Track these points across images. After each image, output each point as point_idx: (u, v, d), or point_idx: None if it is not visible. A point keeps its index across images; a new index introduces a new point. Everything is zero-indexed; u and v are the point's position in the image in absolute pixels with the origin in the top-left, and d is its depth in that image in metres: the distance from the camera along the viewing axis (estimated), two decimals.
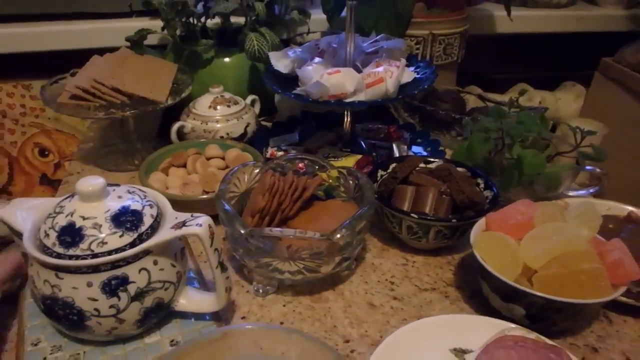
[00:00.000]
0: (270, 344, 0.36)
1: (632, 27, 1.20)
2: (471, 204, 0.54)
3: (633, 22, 1.21)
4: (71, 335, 0.46)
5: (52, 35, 0.97)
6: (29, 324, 0.48)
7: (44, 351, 0.46)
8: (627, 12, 1.20)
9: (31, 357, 0.45)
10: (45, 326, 0.48)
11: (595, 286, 0.43)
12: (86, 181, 0.44)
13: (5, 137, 1.08)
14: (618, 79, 1.13)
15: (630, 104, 1.11)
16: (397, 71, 0.63)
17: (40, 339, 0.47)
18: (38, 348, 0.46)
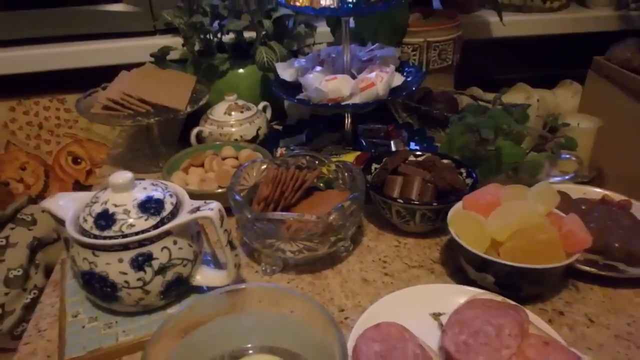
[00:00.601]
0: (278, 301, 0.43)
1: (622, 27, 1.25)
2: (452, 189, 0.61)
3: (622, 22, 1.25)
4: (105, 307, 0.54)
5: (84, 53, 1.06)
6: (69, 300, 0.57)
7: (82, 321, 0.54)
8: (617, 13, 1.25)
9: (72, 326, 0.53)
10: (83, 301, 0.56)
11: (552, 254, 0.49)
12: (117, 175, 0.52)
13: (42, 147, 1.19)
14: (609, 75, 1.18)
15: (622, 99, 1.15)
16: (386, 76, 0.70)
17: (79, 311, 0.55)
18: (77, 319, 0.54)
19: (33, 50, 1.05)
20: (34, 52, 1.05)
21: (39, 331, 0.54)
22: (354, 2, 0.66)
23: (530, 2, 1.24)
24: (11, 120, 1.16)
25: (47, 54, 1.06)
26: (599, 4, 1.26)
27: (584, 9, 1.29)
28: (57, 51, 1.06)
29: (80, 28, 1.06)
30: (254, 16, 0.90)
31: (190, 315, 0.43)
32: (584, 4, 1.29)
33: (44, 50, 1.06)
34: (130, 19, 1.06)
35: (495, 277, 0.52)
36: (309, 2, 0.69)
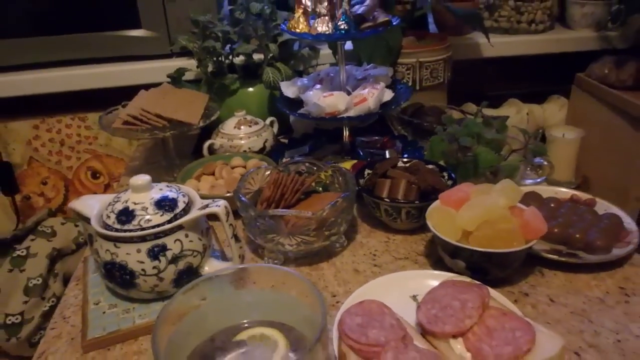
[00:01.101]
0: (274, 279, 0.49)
1: (602, 46, 1.34)
2: (434, 190, 0.68)
3: (602, 42, 1.34)
4: (124, 294, 0.60)
5: (105, 75, 1.15)
6: (91, 291, 0.64)
7: (103, 308, 0.61)
8: (597, 34, 1.34)
9: (94, 312, 0.60)
10: (104, 291, 0.63)
11: (513, 241, 0.57)
12: (137, 177, 0.60)
13: (63, 163, 1.28)
14: (590, 90, 1.28)
15: (602, 111, 1.24)
16: (377, 92, 0.78)
17: (100, 299, 0.62)
18: (99, 306, 0.61)
19: (58, 72, 1.14)
20: (59, 74, 1.14)
21: (64, 318, 0.61)
22: (345, 28, 0.75)
23: (517, 24, 1.32)
24: (34, 138, 1.24)
25: (71, 76, 1.14)
26: (581, 25, 1.35)
27: (567, 30, 1.38)
28: (80, 73, 1.15)
29: (102, 52, 1.14)
30: (261, 40, 0.98)
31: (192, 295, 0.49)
32: (567, 26, 1.38)
33: (68, 72, 1.14)
34: (148, 44, 1.15)
35: (466, 262, 0.59)
36: (307, 29, 0.78)
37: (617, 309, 0.58)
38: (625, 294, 0.60)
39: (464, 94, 1.28)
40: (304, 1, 0.79)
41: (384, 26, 0.78)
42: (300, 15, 0.80)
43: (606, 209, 0.72)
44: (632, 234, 0.66)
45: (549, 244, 0.66)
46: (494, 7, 1.32)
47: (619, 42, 1.34)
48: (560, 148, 1.22)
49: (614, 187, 1.25)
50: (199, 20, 0.98)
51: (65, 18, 1.11)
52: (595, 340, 0.53)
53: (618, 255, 0.63)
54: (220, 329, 0.49)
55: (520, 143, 0.80)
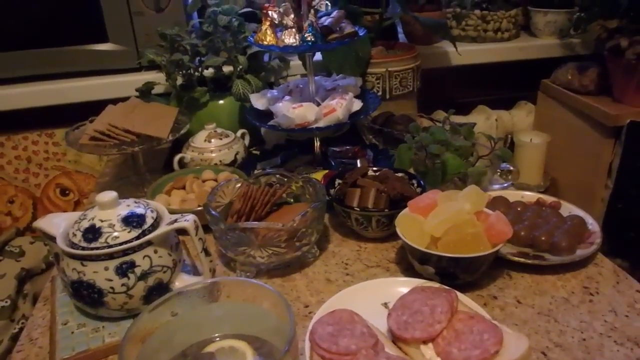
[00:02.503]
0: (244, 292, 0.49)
1: (565, 53, 1.39)
2: (402, 197, 0.69)
3: (565, 49, 1.39)
4: (92, 313, 0.59)
5: (72, 90, 1.13)
6: (59, 310, 0.62)
7: (71, 328, 0.59)
8: (560, 41, 1.39)
9: (62, 332, 0.59)
10: (72, 311, 0.62)
11: (479, 245, 0.58)
12: (103, 194, 0.59)
13: (30, 180, 1.25)
14: (555, 96, 1.32)
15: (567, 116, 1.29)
16: (345, 102, 0.79)
17: (69, 319, 0.60)
18: (67, 326, 0.59)
19: (23, 88, 1.12)
20: (24, 90, 1.12)
21: (31, 340, 0.60)
22: (312, 40, 0.76)
23: (484, 33, 1.36)
24: (0, 155, 1.21)
25: (36, 91, 1.12)
26: (545, 33, 1.39)
27: (532, 37, 1.42)
28: (46, 88, 1.13)
29: (69, 66, 1.13)
30: (230, 53, 0.99)
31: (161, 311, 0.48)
32: (532, 34, 1.43)
33: (34, 87, 1.12)
34: (116, 58, 1.13)
35: (434, 268, 0.60)
36: (274, 41, 0.78)
37: (581, 308, 0.60)
38: (590, 293, 0.62)
39: (434, 102, 1.31)
40: (270, 14, 0.79)
41: (351, 37, 0.80)
42: (268, 28, 0.80)
43: (570, 210, 0.74)
44: (595, 235, 0.69)
45: (516, 247, 0.68)
46: (461, 16, 1.35)
47: (581, 49, 1.39)
48: (528, 152, 1.26)
49: (580, 189, 1.29)
50: (166, 33, 0.98)
51: (30, 33, 1.09)
52: (561, 340, 0.55)
53: (582, 255, 0.65)
54: (191, 343, 0.49)
55: (487, 149, 0.82)
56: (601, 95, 1.22)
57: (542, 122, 1.39)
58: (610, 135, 1.18)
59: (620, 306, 0.59)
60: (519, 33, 1.42)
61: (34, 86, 1.13)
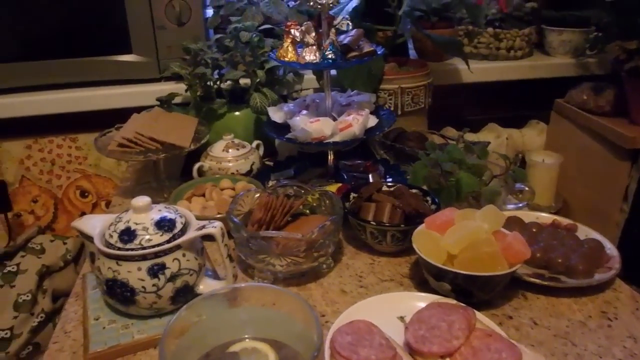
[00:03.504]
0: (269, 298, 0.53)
1: (580, 72, 1.40)
2: (417, 214, 0.72)
3: (580, 68, 1.41)
4: (123, 310, 0.63)
5: (96, 98, 1.19)
6: (91, 306, 0.67)
7: (103, 323, 0.63)
8: (575, 61, 1.41)
9: (94, 327, 0.63)
10: (103, 307, 0.66)
11: (495, 264, 0.61)
12: (138, 199, 0.63)
13: (53, 182, 1.30)
14: (569, 116, 1.32)
15: (581, 137, 1.29)
16: (362, 118, 0.83)
17: (100, 315, 0.65)
18: (99, 322, 0.64)
19: (51, 95, 1.17)
20: (52, 97, 1.17)
21: (65, 332, 0.64)
22: (333, 58, 0.80)
23: (496, 51, 1.39)
24: (27, 157, 1.27)
25: (63, 98, 1.18)
26: (559, 52, 1.42)
27: (545, 56, 1.45)
28: (72, 96, 1.18)
29: (94, 75, 1.18)
30: (249, 67, 1.03)
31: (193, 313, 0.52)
32: (546, 52, 1.45)
33: (61, 94, 1.18)
34: (138, 68, 1.19)
35: (450, 285, 0.62)
36: (295, 58, 0.83)
37: (599, 333, 0.60)
38: (608, 317, 0.62)
39: (444, 119, 1.34)
40: (292, 32, 0.84)
41: (369, 56, 0.84)
42: (289, 45, 0.84)
43: (587, 234, 0.74)
44: (614, 259, 0.69)
45: (531, 267, 0.69)
46: (474, 34, 1.39)
47: (596, 69, 1.40)
48: (540, 173, 1.25)
49: (594, 211, 1.27)
50: (190, 47, 1.03)
51: (59, 43, 1.15)
52: None
53: (600, 280, 0.65)
54: (218, 344, 0.53)
55: (501, 168, 0.84)
56: (617, 117, 1.19)
57: (555, 142, 1.39)
58: (626, 158, 1.16)
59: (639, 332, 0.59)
60: (532, 51, 1.44)
61: (61, 93, 1.18)
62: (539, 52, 1.47)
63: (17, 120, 1.18)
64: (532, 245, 0.69)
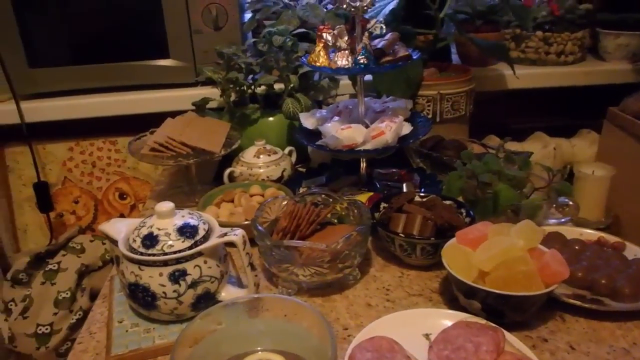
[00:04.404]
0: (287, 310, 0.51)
1: (636, 79, 1.30)
2: (450, 227, 0.68)
3: (637, 75, 1.31)
4: (145, 314, 0.63)
5: (135, 102, 1.21)
6: (116, 309, 0.67)
7: (126, 326, 0.63)
8: (632, 66, 1.31)
9: (118, 330, 0.63)
10: (127, 310, 0.66)
11: (530, 284, 0.56)
12: (162, 204, 0.63)
13: (94, 184, 1.34)
14: (623, 126, 1.23)
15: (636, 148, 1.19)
16: (395, 125, 0.80)
17: (124, 318, 0.65)
18: (122, 324, 0.64)
19: (92, 98, 1.21)
20: (93, 101, 1.21)
21: (90, 333, 0.64)
22: (365, 63, 0.77)
23: (545, 56, 1.32)
24: (69, 159, 1.31)
25: (104, 102, 1.21)
26: (615, 57, 1.32)
27: (599, 62, 1.36)
28: (112, 100, 1.21)
29: (133, 80, 1.21)
30: (282, 72, 1.02)
31: (209, 321, 0.51)
32: (600, 57, 1.36)
33: (101, 98, 1.21)
34: (176, 73, 1.20)
35: (481, 304, 0.58)
36: (327, 62, 0.81)
37: None
38: None
39: (487, 127, 1.28)
40: (324, 36, 0.82)
41: (404, 61, 0.81)
42: (321, 49, 0.82)
43: (636, 253, 0.69)
44: None
45: (572, 288, 0.64)
46: (521, 38, 1.32)
47: None
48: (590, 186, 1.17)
49: None
50: (223, 52, 1.03)
51: (101, 49, 1.18)
52: None
53: None
54: (234, 354, 0.51)
55: (544, 181, 0.79)
56: None
57: (607, 153, 1.30)
58: None
59: None
60: (585, 56, 1.36)
61: (101, 97, 1.21)
62: (593, 57, 1.39)
63: (61, 123, 1.23)
64: (574, 264, 0.64)
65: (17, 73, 1.17)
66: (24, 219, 1.34)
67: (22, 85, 1.19)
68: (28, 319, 1.11)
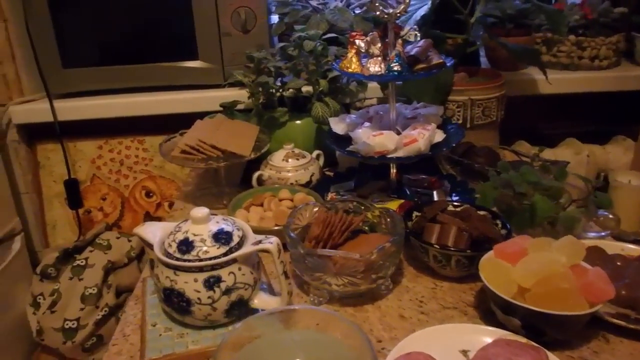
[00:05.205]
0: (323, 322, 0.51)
1: None
2: (485, 239, 0.67)
3: None
4: (179, 319, 0.63)
5: (163, 102, 1.23)
6: (149, 312, 0.67)
7: (159, 330, 0.64)
8: None
9: (151, 333, 0.63)
10: (160, 314, 0.66)
11: (573, 303, 0.55)
12: (197, 210, 0.63)
13: (121, 181, 1.36)
14: None
15: None
16: (428, 133, 0.79)
17: (157, 322, 0.65)
18: (155, 328, 0.64)
19: (122, 98, 1.23)
20: (122, 100, 1.23)
21: (124, 335, 0.65)
22: (398, 70, 0.76)
23: (578, 60, 1.28)
24: (98, 157, 1.33)
25: (132, 102, 1.23)
26: None
27: (635, 66, 1.32)
28: (141, 100, 1.23)
29: (161, 80, 1.23)
30: (311, 76, 1.02)
31: (248, 330, 0.52)
32: (636, 62, 1.32)
33: (130, 98, 1.23)
34: (204, 74, 1.22)
35: (521, 321, 0.57)
36: (359, 69, 0.80)
37: None
38: None
39: (517, 132, 1.25)
40: (357, 42, 0.81)
41: (438, 68, 0.80)
42: (353, 55, 0.82)
43: None
44: None
45: (615, 307, 0.62)
46: (553, 42, 1.29)
47: None
48: (626, 195, 1.13)
49: None
50: (253, 56, 1.03)
51: (131, 50, 1.20)
52: None
53: None
54: None
55: (580, 192, 0.77)
56: None
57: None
58: None
59: None
60: (620, 61, 1.32)
61: (130, 97, 1.23)
62: (628, 61, 1.35)
63: (91, 122, 1.25)
64: (616, 282, 0.62)
65: (51, 73, 1.20)
66: (53, 215, 1.36)
67: (55, 85, 1.22)
68: (56, 313, 1.13)
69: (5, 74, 1.23)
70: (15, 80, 1.25)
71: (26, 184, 1.30)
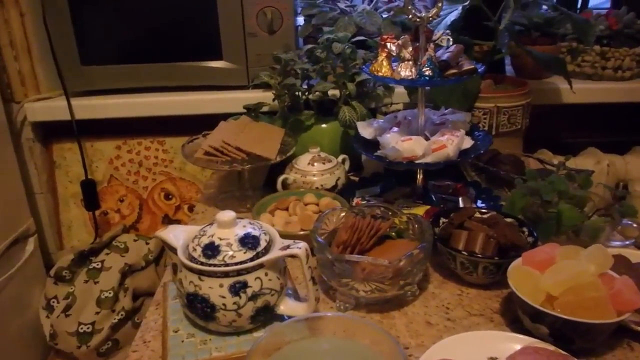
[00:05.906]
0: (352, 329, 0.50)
1: None
2: (513, 246, 0.66)
3: None
4: (202, 325, 0.62)
5: (185, 103, 1.21)
6: (170, 317, 0.66)
7: (181, 336, 0.62)
8: None
9: (173, 339, 0.62)
10: (182, 319, 0.65)
11: (601, 311, 0.54)
12: (223, 214, 0.62)
13: (139, 183, 1.35)
14: None
15: None
16: (457, 139, 0.78)
17: (179, 328, 0.64)
18: (177, 334, 0.63)
19: (142, 98, 1.21)
20: (143, 100, 1.21)
21: (145, 342, 0.64)
22: (430, 75, 0.75)
23: (602, 71, 1.27)
24: (116, 157, 1.32)
25: (154, 102, 1.22)
26: None
27: None
28: (162, 100, 1.22)
29: (184, 80, 1.21)
30: (339, 79, 1.01)
31: (276, 338, 0.51)
32: None
33: (151, 98, 1.22)
34: (228, 75, 1.19)
35: (549, 329, 0.56)
36: (390, 73, 0.79)
37: None
38: None
39: (539, 141, 1.24)
40: (388, 46, 0.80)
41: (469, 74, 0.78)
42: (384, 59, 0.81)
43: None
44: None
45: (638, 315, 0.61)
46: (577, 51, 1.28)
47: None
48: None
49: None
50: (281, 57, 1.02)
51: (153, 48, 1.18)
52: None
53: None
54: None
55: (604, 201, 0.76)
56: None
57: None
58: None
59: None
60: None
61: (151, 97, 1.22)
62: None
63: (110, 121, 1.23)
64: None
65: (70, 70, 1.17)
66: (69, 216, 1.35)
67: (73, 82, 1.19)
68: (70, 317, 1.11)
69: (21, 69, 1.18)
70: (31, 76, 1.20)
71: (41, 184, 1.28)
